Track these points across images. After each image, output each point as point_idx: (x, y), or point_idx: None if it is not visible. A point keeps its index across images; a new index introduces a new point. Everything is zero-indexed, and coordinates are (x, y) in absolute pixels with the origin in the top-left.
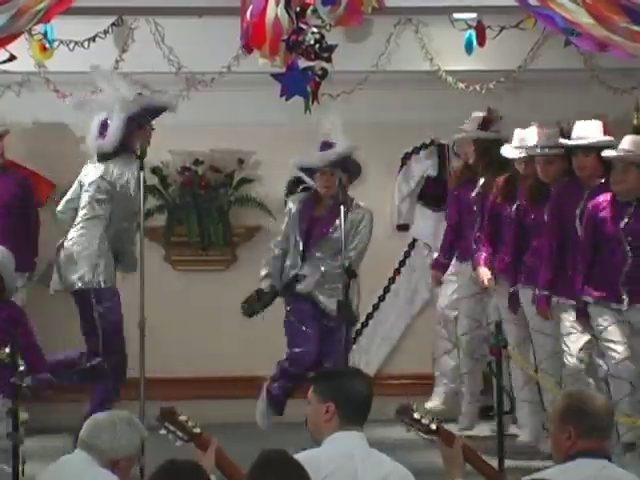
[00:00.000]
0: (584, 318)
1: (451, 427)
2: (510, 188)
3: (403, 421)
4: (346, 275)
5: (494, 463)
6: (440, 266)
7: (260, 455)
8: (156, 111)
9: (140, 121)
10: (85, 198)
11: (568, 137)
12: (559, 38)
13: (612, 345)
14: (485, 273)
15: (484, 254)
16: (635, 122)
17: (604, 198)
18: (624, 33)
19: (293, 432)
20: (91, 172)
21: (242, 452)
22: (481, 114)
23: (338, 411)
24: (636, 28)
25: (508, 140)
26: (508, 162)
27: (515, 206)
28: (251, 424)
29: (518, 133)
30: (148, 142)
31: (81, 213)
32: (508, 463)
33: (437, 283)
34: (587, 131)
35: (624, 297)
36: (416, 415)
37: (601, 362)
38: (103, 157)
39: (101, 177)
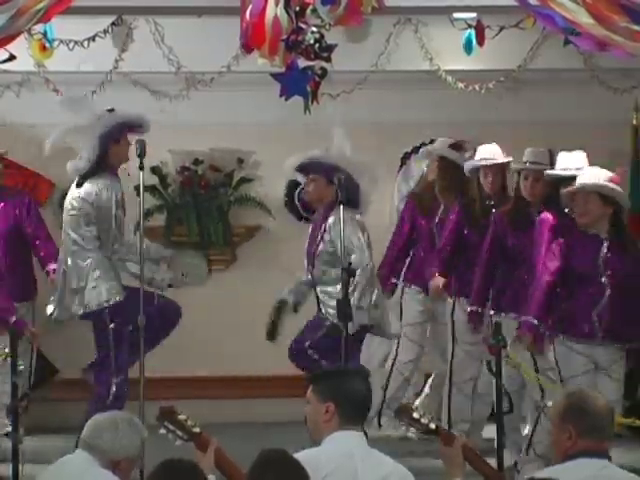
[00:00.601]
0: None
1: None
2: (475, 214)
3: (403, 421)
4: (346, 274)
5: (493, 463)
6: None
7: (260, 454)
8: (130, 126)
9: (114, 136)
10: (68, 221)
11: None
12: (559, 38)
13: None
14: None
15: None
16: (635, 122)
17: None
18: (624, 33)
19: (293, 432)
20: (71, 195)
21: (242, 452)
22: (451, 140)
23: (338, 411)
24: (636, 28)
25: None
26: (467, 185)
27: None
28: (251, 424)
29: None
30: (126, 157)
31: (73, 236)
32: (508, 463)
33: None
34: (572, 162)
35: (597, 334)
36: (415, 415)
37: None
38: (82, 178)
39: (81, 198)
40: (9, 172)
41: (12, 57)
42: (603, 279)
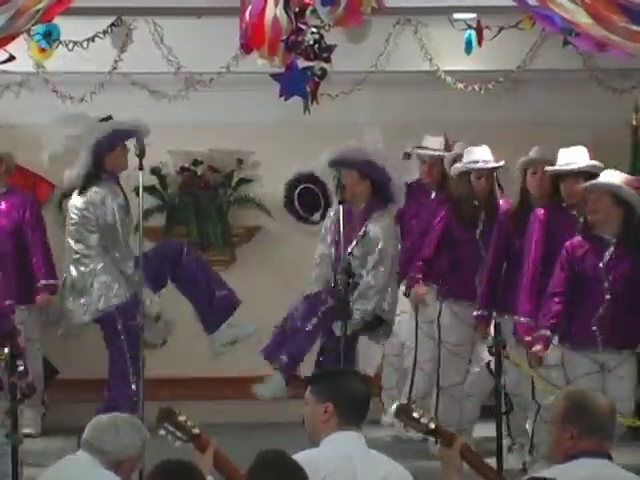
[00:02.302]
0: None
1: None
2: (465, 213)
3: (402, 421)
4: (346, 274)
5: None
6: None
7: (258, 455)
8: (127, 134)
9: (109, 144)
10: (70, 232)
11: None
12: (558, 38)
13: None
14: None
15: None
16: (634, 123)
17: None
18: (623, 33)
19: (292, 432)
20: (72, 204)
21: (241, 452)
22: (441, 137)
23: (336, 411)
24: (635, 28)
25: None
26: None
27: (478, 231)
28: (251, 424)
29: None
30: (124, 165)
31: (75, 247)
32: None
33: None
34: (575, 157)
35: (599, 339)
36: (415, 414)
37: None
38: (83, 186)
39: (80, 208)
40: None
41: (12, 57)
42: (605, 284)
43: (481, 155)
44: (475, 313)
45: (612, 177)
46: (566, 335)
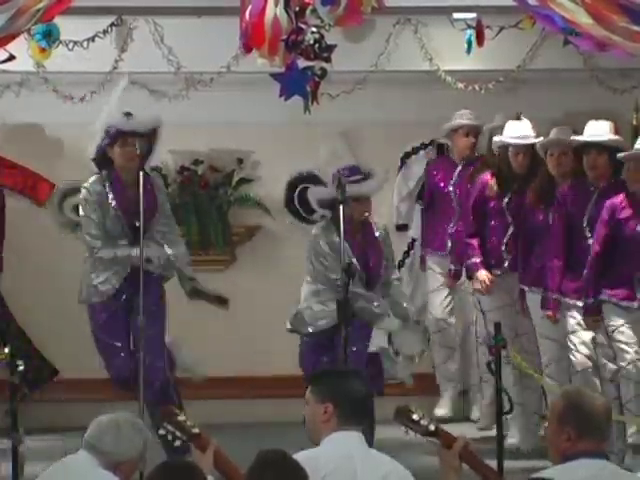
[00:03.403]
0: (591, 317)
1: (467, 427)
2: (500, 183)
3: (402, 422)
4: (345, 274)
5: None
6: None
7: (258, 455)
8: (120, 132)
9: (108, 140)
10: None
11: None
12: (558, 38)
13: (623, 346)
14: (485, 276)
15: (478, 259)
16: (634, 122)
17: (621, 198)
18: (623, 33)
19: (292, 432)
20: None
21: (241, 452)
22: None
23: (336, 411)
24: (635, 28)
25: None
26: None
27: (506, 200)
28: (251, 424)
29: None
30: (124, 160)
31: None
32: (507, 464)
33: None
34: (600, 130)
35: (638, 296)
36: (415, 416)
37: (605, 361)
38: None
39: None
40: (9, 172)
41: (12, 57)
42: None
43: (521, 130)
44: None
45: None
46: (607, 293)
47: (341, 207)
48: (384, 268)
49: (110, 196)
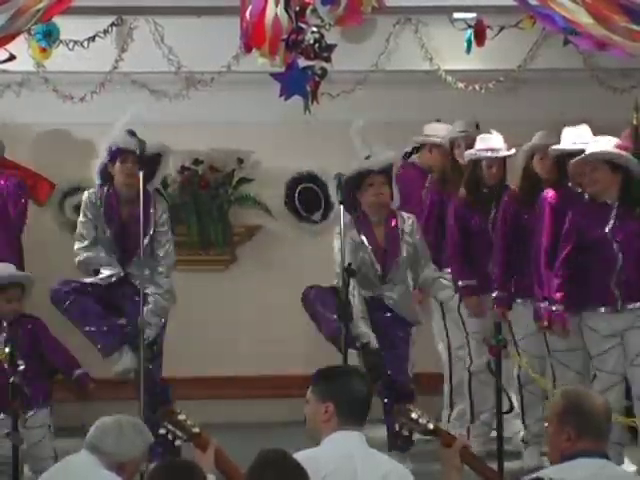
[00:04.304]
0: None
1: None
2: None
3: (401, 421)
4: (345, 274)
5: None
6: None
7: (259, 455)
8: (122, 152)
9: (110, 156)
10: None
11: None
12: (558, 37)
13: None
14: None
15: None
16: (634, 122)
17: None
18: (623, 32)
19: (293, 432)
20: None
21: (242, 452)
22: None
23: (337, 411)
24: (635, 27)
25: None
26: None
27: (492, 215)
28: (251, 424)
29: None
30: (121, 178)
31: None
32: (507, 464)
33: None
34: (580, 136)
35: (617, 300)
36: (414, 415)
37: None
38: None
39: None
40: (9, 172)
41: (12, 57)
42: (614, 246)
43: (494, 143)
44: (494, 295)
45: (604, 145)
46: (585, 304)
47: (341, 207)
48: (404, 262)
49: (102, 211)
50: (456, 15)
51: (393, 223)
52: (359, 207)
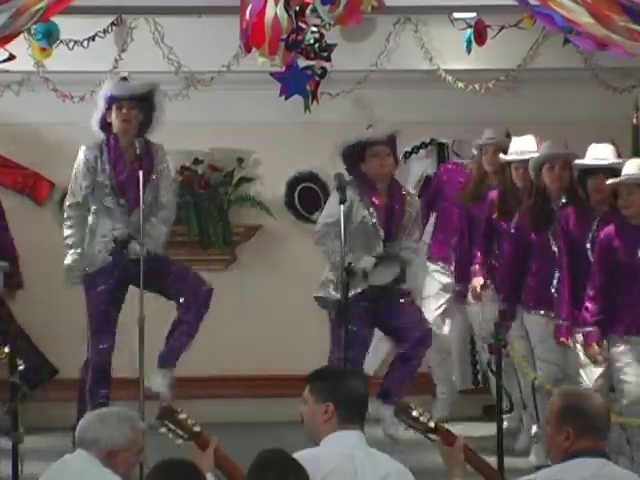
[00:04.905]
0: (593, 348)
1: (464, 428)
2: (505, 203)
3: (402, 420)
4: (346, 274)
5: (493, 462)
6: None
7: (259, 454)
8: (113, 98)
9: (106, 102)
10: None
11: None
12: (559, 37)
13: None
14: (479, 282)
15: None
16: (635, 122)
17: (613, 226)
18: (623, 32)
19: (292, 431)
20: None
21: (242, 451)
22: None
23: (337, 411)
24: (635, 27)
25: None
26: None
27: (514, 223)
28: (251, 424)
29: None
30: (117, 125)
31: None
32: (507, 462)
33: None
34: (604, 153)
35: None
36: (415, 413)
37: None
38: None
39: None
40: (9, 171)
41: (12, 57)
42: None
43: (519, 146)
44: (500, 308)
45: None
46: (615, 328)
47: (342, 207)
48: (408, 221)
49: (104, 159)
50: (456, 15)
51: (398, 188)
52: (362, 175)
